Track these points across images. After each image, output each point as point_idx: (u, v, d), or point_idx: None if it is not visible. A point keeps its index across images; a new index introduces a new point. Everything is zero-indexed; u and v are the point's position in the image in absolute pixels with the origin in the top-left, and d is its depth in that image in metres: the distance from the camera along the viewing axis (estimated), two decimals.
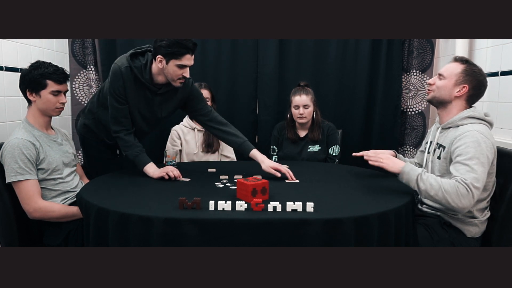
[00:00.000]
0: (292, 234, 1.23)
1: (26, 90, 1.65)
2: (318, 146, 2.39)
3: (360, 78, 2.80)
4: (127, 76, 1.78)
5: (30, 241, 1.71)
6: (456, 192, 1.41)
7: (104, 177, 1.84)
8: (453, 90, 1.60)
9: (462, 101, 1.61)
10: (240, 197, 1.45)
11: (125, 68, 1.78)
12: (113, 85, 1.79)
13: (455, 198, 1.41)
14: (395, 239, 1.35)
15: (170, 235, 1.23)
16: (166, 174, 1.76)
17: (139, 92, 1.85)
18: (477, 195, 1.42)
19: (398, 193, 1.54)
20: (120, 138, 1.86)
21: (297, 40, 2.77)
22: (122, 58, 1.82)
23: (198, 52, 2.73)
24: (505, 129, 2.01)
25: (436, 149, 1.65)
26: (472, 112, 1.56)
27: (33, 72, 1.64)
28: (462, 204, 1.41)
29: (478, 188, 1.42)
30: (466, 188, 1.40)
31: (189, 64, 1.77)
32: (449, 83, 1.61)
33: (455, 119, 1.59)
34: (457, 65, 1.61)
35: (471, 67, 1.59)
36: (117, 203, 1.39)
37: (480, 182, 1.42)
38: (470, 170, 1.43)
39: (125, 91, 1.80)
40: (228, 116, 2.69)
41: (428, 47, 2.77)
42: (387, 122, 2.83)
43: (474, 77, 1.57)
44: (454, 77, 1.60)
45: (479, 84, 1.58)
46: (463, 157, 1.46)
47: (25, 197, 1.58)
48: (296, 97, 2.31)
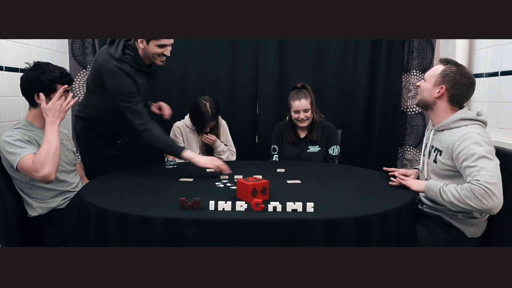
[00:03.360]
0: (292, 234, 1.23)
1: (35, 94, 1.66)
2: (318, 146, 2.39)
3: (360, 78, 2.80)
4: (129, 70, 1.83)
5: (30, 241, 1.71)
6: (475, 195, 1.39)
7: (104, 177, 1.84)
8: (433, 91, 1.60)
9: (445, 102, 1.60)
10: (240, 197, 1.45)
11: (123, 65, 1.81)
12: (123, 85, 1.82)
13: (476, 201, 1.38)
14: (395, 239, 1.35)
15: (170, 235, 1.23)
16: (216, 166, 1.80)
17: (143, 81, 1.92)
18: (497, 191, 1.38)
19: (398, 193, 1.54)
20: (148, 131, 1.85)
21: (297, 40, 2.77)
22: (105, 55, 1.85)
23: (198, 52, 2.76)
24: (505, 129, 2.01)
25: (431, 152, 1.65)
26: (464, 114, 1.56)
27: (41, 77, 1.64)
28: (486, 205, 1.38)
29: (494, 183, 1.39)
30: (481, 187, 1.38)
31: (168, 43, 1.86)
32: (429, 85, 1.61)
33: (447, 122, 1.58)
34: (438, 67, 1.61)
35: (451, 67, 1.58)
36: (117, 203, 1.39)
37: (494, 177, 1.39)
38: (480, 169, 1.41)
39: (136, 85, 1.86)
40: (228, 116, 2.70)
41: (428, 47, 2.77)
42: (387, 122, 2.83)
43: (451, 77, 1.56)
44: (433, 78, 1.60)
45: (457, 83, 1.56)
46: (470, 161, 1.44)
47: (31, 170, 1.55)
48: (295, 102, 2.28)
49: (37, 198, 1.69)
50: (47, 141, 1.59)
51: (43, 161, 1.54)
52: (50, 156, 1.56)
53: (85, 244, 1.42)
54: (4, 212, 1.60)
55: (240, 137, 2.78)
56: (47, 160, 1.55)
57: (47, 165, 1.55)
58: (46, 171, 1.54)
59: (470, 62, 2.36)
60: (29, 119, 1.71)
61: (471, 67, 2.35)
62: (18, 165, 1.56)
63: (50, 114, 1.63)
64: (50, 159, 1.56)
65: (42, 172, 1.54)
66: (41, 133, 1.71)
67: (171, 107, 2.78)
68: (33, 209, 1.69)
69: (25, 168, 1.56)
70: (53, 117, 1.63)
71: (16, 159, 1.56)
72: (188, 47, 2.74)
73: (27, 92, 1.67)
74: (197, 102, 2.30)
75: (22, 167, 1.56)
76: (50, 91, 1.66)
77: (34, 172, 1.54)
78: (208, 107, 2.27)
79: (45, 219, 1.71)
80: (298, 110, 2.29)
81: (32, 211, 1.69)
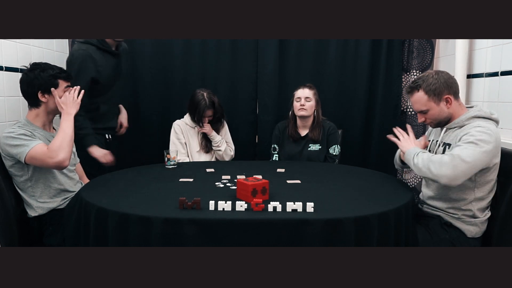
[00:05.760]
0: (292, 234, 1.23)
1: (38, 92, 1.66)
2: (318, 145, 2.39)
3: (360, 78, 2.80)
4: (93, 52, 1.97)
5: (30, 241, 1.71)
6: (440, 161, 1.43)
7: (104, 177, 1.84)
8: (443, 109, 1.60)
9: (454, 103, 1.60)
10: (240, 197, 1.45)
11: (86, 47, 1.95)
12: (84, 70, 1.98)
13: (437, 166, 1.43)
14: (395, 239, 1.35)
15: (170, 235, 1.23)
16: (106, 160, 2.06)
17: (108, 62, 2.04)
18: (462, 168, 1.40)
19: (398, 193, 1.54)
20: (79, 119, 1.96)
21: (297, 40, 2.77)
22: (75, 45, 2.00)
23: (198, 52, 2.76)
24: (505, 129, 2.01)
25: (439, 147, 1.65)
26: (478, 111, 1.56)
27: (42, 75, 1.65)
28: (441, 171, 1.42)
29: (465, 161, 1.41)
30: (451, 157, 1.41)
31: None
32: (436, 108, 1.60)
33: (461, 119, 1.59)
34: (419, 94, 1.61)
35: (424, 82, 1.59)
36: (117, 203, 1.38)
37: (469, 158, 1.41)
38: (463, 149, 1.44)
39: (98, 72, 2.00)
40: (228, 116, 2.70)
41: (428, 47, 2.77)
42: (387, 122, 2.82)
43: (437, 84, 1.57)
44: (429, 103, 1.60)
45: (446, 82, 1.57)
46: (463, 142, 1.47)
47: (45, 157, 1.58)
48: (299, 90, 2.37)
49: (37, 198, 1.69)
50: (63, 129, 1.64)
51: (58, 147, 1.59)
52: (65, 143, 1.61)
53: (85, 244, 1.42)
54: (4, 212, 1.60)
55: (240, 137, 2.78)
56: (63, 147, 1.60)
57: (62, 151, 1.59)
58: (61, 156, 1.58)
59: (470, 62, 2.35)
60: (29, 119, 1.71)
61: (471, 67, 2.34)
62: (28, 155, 1.56)
63: (65, 106, 1.69)
64: (66, 146, 1.61)
65: (58, 158, 1.57)
66: (42, 132, 1.71)
67: (171, 107, 2.80)
68: (33, 209, 1.69)
69: (37, 157, 1.57)
70: (68, 109, 1.69)
71: (25, 150, 1.56)
72: (188, 47, 2.75)
73: (29, 92, 1.67)
74: (194, 93, 2.36)
75: (34, 156, 1.57)
76: (52, 87, 1.67)
77: (49, 159, 1.57)
78: (205, 96, 2.31)
79: (45, 219, 1.71)
80: (300, 97, 2.34)
81: (32, 211, 1.69)
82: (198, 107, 2.30)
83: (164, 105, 2.81)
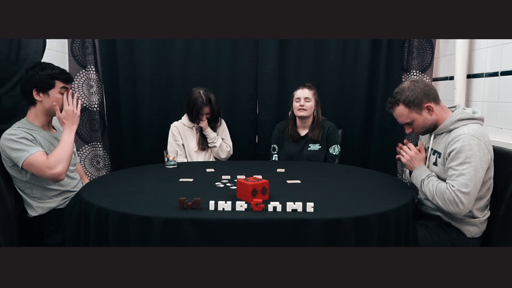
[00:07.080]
0: (292, 234, 1.23)
1: (33, 90, 1.66)
2: (318, 145, 2.39)
3: (360, 78, 2.80)
4: None
5: (30, 241, 1.71)
6: (444, 199, 1.47)
7: (104, 177, 1.84)
8: (426, 117, 1.62)
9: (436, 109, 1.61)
10: (240, 197, 1.45)
11: None
12: None
13: (444, 204, 1.48)
14: (395, 239, 1.35)
15: (170, 235, 1.23)
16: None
17: None
18: (466, 200, 1.44)
19: (398, 193, 1.54)
20: None
21: (297, 40, 2.77)
22: None
23: (198, 52, 2.76)
24: (505, 129, 2.01)
25: (431, 155, 1.66)
26: (461, 114, 1.57)
27: (40, 73, 1.65)
28: (451, 210, 1.47)
29: (467, 193, 1.44)
30: (452, 194, 1.45)
31: None
32: (420, 118, 1.62)
33: (446, 124, 1.59)
34: (400, 108, 1.63)
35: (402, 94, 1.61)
36: (117, 203, 1.38)
37: (469, 186, 1.44)
38: (459, 175, 1.46)
39: None
40: (228, 116, 2.71)
41: (428, 47, 2.77)
42: (387, 122, 2.82)
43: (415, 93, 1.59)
44: (411, 114, 1.62)
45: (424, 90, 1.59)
46: (455, 163, 1.48)
47: (43, 167, 1.57)
48: (298, 90, 2.38)
49: (37, 198, 1.69)
50: (64, 143, 1.64)
51: (57, 160, 1.59)
52: (65, 157, 1.61)
53: (85, 244, 1.42)
54: (4, 212, 1.60)
55: (240, 137, 2.78)
56: (62, 160, 1.60)
57: (61, 164, 1.59)
58: (59, 169, 1.58)
59: (470, 62, 2.36)
60: (29, 118, 1.71)
61: (471, 67, 2.35)
62: (25, 161, 1.56)
63: (67, 122, 1.69)
64: (64, 160, 1.61)
65: (55, 170, 1.57)
66: (42, 132, 1.71)
67: (171, 106, 2.80)
68: (33, 209, 1.69)
69: (35, 165, 1.56)
70: (70, 125, 1.69)
71: (23, 156, 1.56)
72: (188, 47, 2.74)
73: (26, 89, 1.67)
74: (191, 91, 2.38)
75: (31, 164, 1.56)
76: (48, 87, 1.67)
77: (47, 169, 1.56)
78: (202, 93, 2.33)
79: (45, 219, 1.71)
80: (299, 98, 2.35)
81: (32, 211, 1.69)
82: (195, 104, 2.31)
83: (164, 105, 2.81)
